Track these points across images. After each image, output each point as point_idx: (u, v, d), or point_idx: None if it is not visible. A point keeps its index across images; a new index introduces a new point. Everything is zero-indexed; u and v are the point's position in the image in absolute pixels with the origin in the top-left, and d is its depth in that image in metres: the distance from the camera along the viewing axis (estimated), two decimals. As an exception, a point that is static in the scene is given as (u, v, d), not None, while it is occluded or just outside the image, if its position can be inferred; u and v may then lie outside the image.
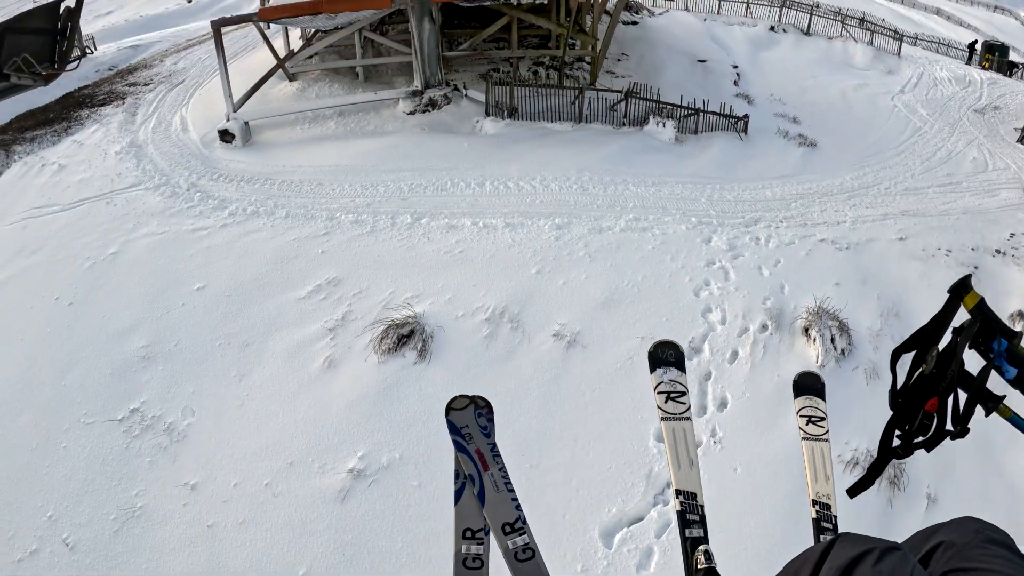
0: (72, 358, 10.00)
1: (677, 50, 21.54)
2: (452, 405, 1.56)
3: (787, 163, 15.91)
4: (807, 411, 1.84)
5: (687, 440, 1.69)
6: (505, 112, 14.90)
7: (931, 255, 12.68)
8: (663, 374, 1.75)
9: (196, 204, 12.82)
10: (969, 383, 1.56)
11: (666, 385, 1.73)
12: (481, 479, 1.55)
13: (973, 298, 1.54)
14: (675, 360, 1.79)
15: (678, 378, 1.75)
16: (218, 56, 14.90)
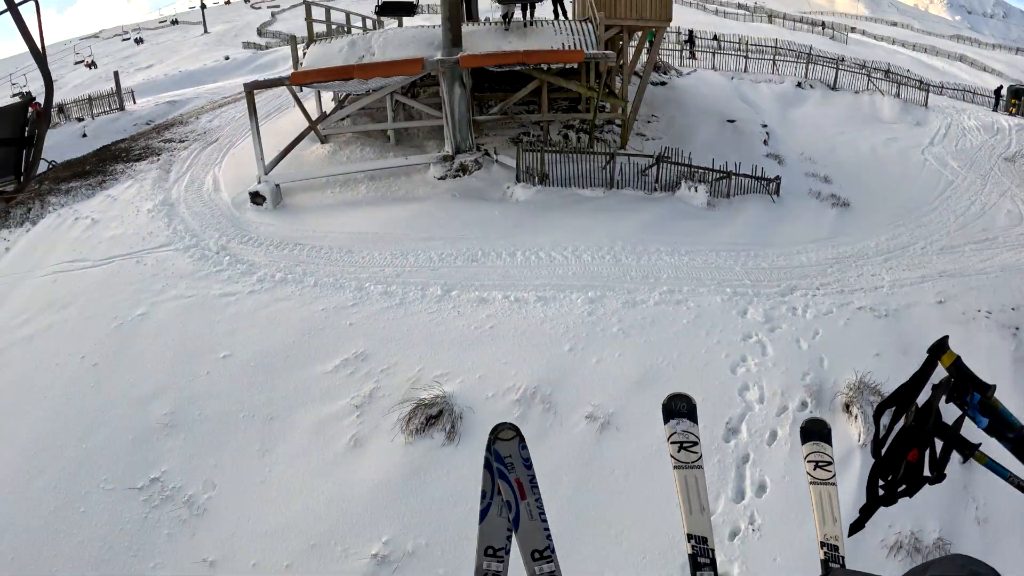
0: (95, 421, 9.80)
1: (706, 111, 21.37)
2: (499, 435, 1.63)
3: (821, 225, 15.52)
4: (814, 456, 1.87)
5: (699, 487, 1.73)
6: (536, 178, 14.71)
7: (971, 318, 12.15)
8: (676, 425, 1.80)
9: (225, 268, 12.68)
10: (946, 432, 1.67)
11: (679, 435, 1.78)
12: (518, 507, 1.63)
13: (950, 357, 1.67)
14: (687, 412, 1.83)
15: (690, 428, 1.79)
16: (251, 119, 14.93)
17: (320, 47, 16.92)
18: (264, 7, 74.23)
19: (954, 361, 1.71)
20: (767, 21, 53.61)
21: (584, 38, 16.46)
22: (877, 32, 61.50)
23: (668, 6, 17.62)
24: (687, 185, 15.20)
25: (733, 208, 15.39)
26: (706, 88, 24.07)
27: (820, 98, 26.86)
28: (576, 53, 15.23)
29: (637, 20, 17.58)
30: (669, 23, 18.15)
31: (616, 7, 17.16)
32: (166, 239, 14.20)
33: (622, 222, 13.33)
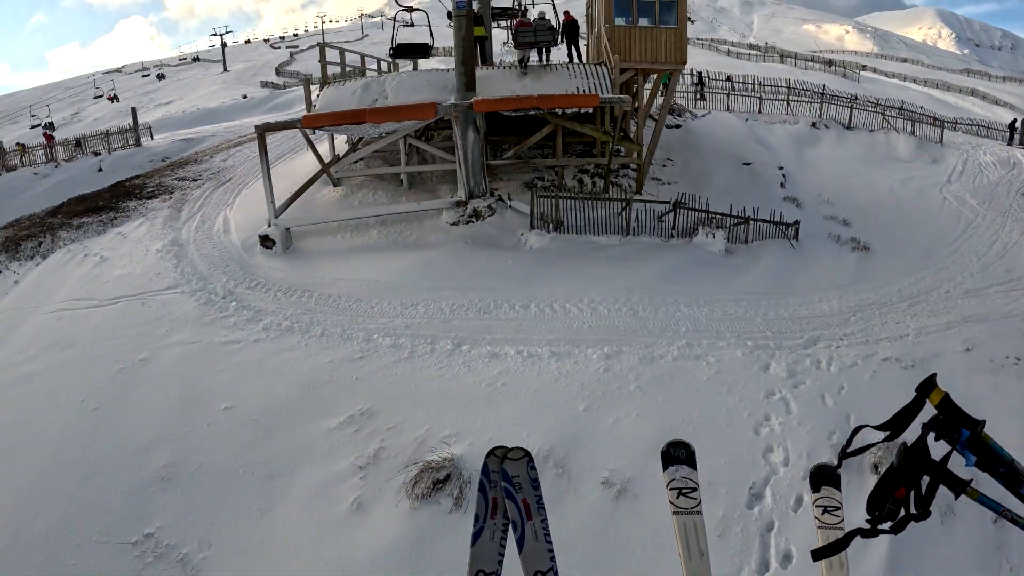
0: (91, 469, 9.43)
1: (722, 153, 21.00)
2: (509, 455, 1.62)
3: (842, 271, 14.99)
4: (823, 502, 1.86)
5: (698, 533, 1.73)
6: (550, 225, 14.30)
7: (1000, 366, 11.51)
8: (675, 471, 1.80)
9: (231, 314, 12.30)
10: (935, 470, 1.65)
11: (678, 482, 1.78)
12: (523, 527, 1.61)
13: (939, 394, 1.64)
14: (686, 458, 1.83)
15: (689, 475, 1.80)
16: (261, 161, 14.66)
17: (333, 89, 16.70)
18: (283, 47, 75.24)
19: (943, 398, 1.67)
20: (779, 61, 53.54)
21: (599, 82, 16.16)
22: (888, 69, 61.37)
23: (683, 49, 17.35)
24: (704, 231, 14.75)
25: (752, 254, 14.90)
26: (721, 130, 23.73)
27: (835, 138, 26.47)
28: (591, 97, 14.91)
29: (652, 63, 17.32)
30: (684, 66, 17.86)
31: (630, 50, 16.91)
32: (173, 281, 13.88)
33: (639, 271, 12.86)
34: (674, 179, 18.46)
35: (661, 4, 17.02)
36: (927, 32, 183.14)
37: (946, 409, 1.66)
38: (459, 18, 15.21)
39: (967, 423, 1.66)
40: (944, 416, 1.66)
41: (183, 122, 38.20)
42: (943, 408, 1.66)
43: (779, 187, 20.05)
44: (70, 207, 20.63)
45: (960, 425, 1.65)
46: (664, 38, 17.16)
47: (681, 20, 17.24)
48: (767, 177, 20.32)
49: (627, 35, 16.97)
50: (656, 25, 17.08)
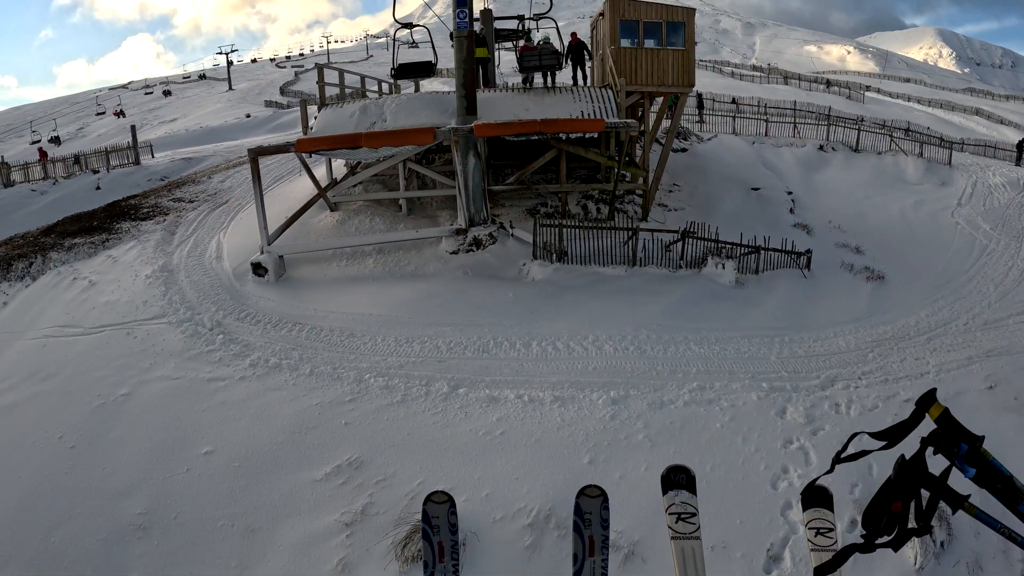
0: (66, 512, 8.85)
1: (730, 178, 20.31)
2: (585, 492, 1.82)
3: (857, 303, 14.25)
4: (816, 523, 1.82)
5: (696, 559, 1.71)
6: (554, 255, 13.58)
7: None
8: (674, 496, 1.77)
9: (217, 348, 11.58)
10: (933, 484, 1.63)
11: (677, 507, 1.75)
12: (582, 563, 1.79)
13: (938, 408, 1.63)
14: (686, 483, 1.80)
15: (689, 500, 1.76)
16: (254, 186, 14.00)
17: (331, 112, 16.07)
18: (289, 66, 75.01)
19: (942, 413, 1.64)
20: (783, 82, 53.00)
21: (604, 105, 15.51)
22: (891, 89, 60.84)
23: (690, 72, 16.73)
24: (714, 262, 14.02)
25: (763, 286, 14.16)
26: (727, 154, 23.06)
27: (843, 161, 25.78)
28: (596, 122, 14.25)
29: (658, 86, 16.70)
30: (692, 89, 17.23)
31: (636, 73, 16.29)
32: (160, 310, 13.19)
33: (646, 306, 12.11)
34: (681, 205, 17.77)
35: (668, 26, 16.43)
36: (928, 52, 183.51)
37: (945, 423, 1.64)
38: (460, 39, 14.59)
39: (966, 438, 1.63)
40: (943, 430, 1.64)
41: (185, 140, 37.65)
42: (942, 422, 1.64)
43: (788, 213, 19.34)
44: (64, 226, 20.03)
45: (959, 439, 1.62)
46: (671, 60, 16.54)
47: (689, 42, 16.63)
48: (776, 202, 19.62)
49: (633, 57, 16.35)
50: (663, 47, 16.48)
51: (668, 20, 16.41)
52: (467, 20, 14.42)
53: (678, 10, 16.61)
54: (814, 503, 1.88)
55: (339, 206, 16.54)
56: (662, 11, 16.47)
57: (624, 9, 16.37)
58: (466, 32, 14.54)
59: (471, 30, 14.73)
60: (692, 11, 16.73)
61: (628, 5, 16.41)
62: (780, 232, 17.69)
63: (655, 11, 16.44)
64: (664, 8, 16.60)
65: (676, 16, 16.51)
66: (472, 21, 14.77)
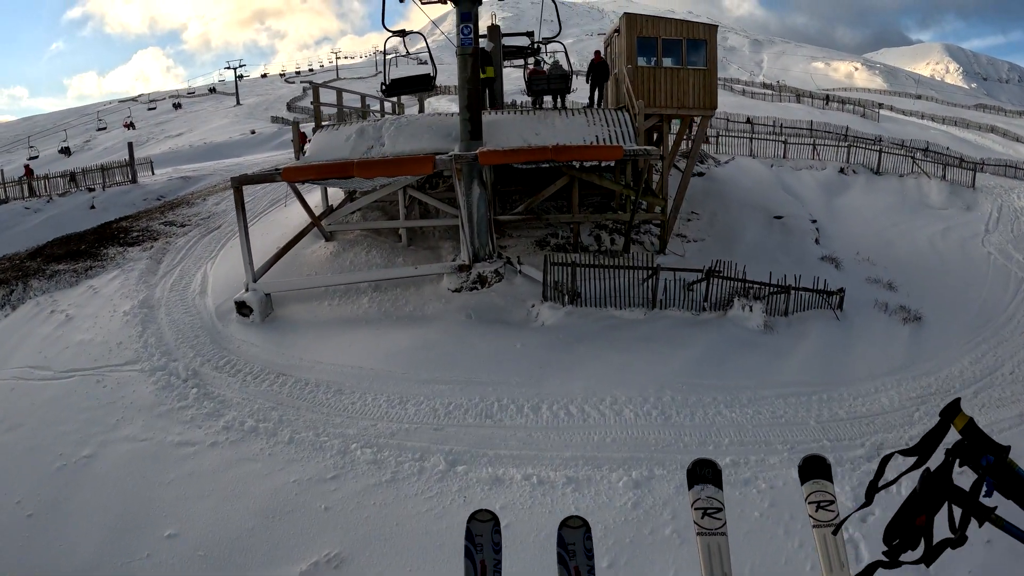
0: None
1: (750, 205, 18.87)
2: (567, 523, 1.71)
3: (895, 349, 12.81)
4: (816, 496, 1.73)
5: (722, 555, 1.66)
6: (566, 296, 12.14)
7: None
8: (700, 491, 1.73)
9: (190, 404, 10.21)
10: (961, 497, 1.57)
11: (703, 501, 1.70)
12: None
13: (963, 419, 1.59)
14: (712, 478, 1.75)
15: (715, 495, 1.72)
16: (238, 218, 12.65)
17: (326, 134, 14.72)
18: (298, 81, 73.92)
19: (967, 423, 1.57)
20: (795, 100, 51.50)
21: (621, 129, 14.13)
22: (903, 107, 59.27)
23: (712, 93, 15.36)
24: (740, 303, 12.58)
25: (794, 330, 12.71)
26: (746, 178, 21.63)
27: (865, 184, 24.33)
28: (614, 149, 12.84)
29: (678, 108, 15.33)
30: (714, 112, 15.83)
31: (655, 94, 14.93)
32: (134, 354, 11.86)
33: (669, 358, 10.64)
34: (701, 235, 16.35)
35: (688, 44, 15.07)
36: (935, 67, 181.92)
37: (970, 435, 1.58)
38: (464, 57, 13.21)
39: (992, 449, 1.56)
40: (969, 442, 1.57)
41: (188, 156, 36.43)
42: (967, 433, 1.58)
43: (814, 243, 17.91)
44: (52, 249, 18.83)
45: (985, 451, 1.55)
46: (692, 81, 15.17)
47: (711, 61, 15.26)
48: (800, 232, 18.18)
49: (651, 77, 15.00)
50: (683, 66, 15.11)
51: (689, 37, 15.05)
52: (471, 36, 13.04)
53: (699, 27, 15.25)
54: (812, 474, 1.72)
55: (335, 235, 15.17)
56: (682, 28, 15.12)
57: (642, 26, 15.02)
58: (470, 49, 13.17)
59: (476, 47, 13.37)
60: (714, 28, 15.37)
61: (646, 21, 15.07)
62: (807, 266, 16.28)
63: (675, 28, 15.09)
64: (684, 25, 15.25)
65: (697, 33, 15.15)
66: (477, 38, 13.40)
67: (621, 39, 15.36)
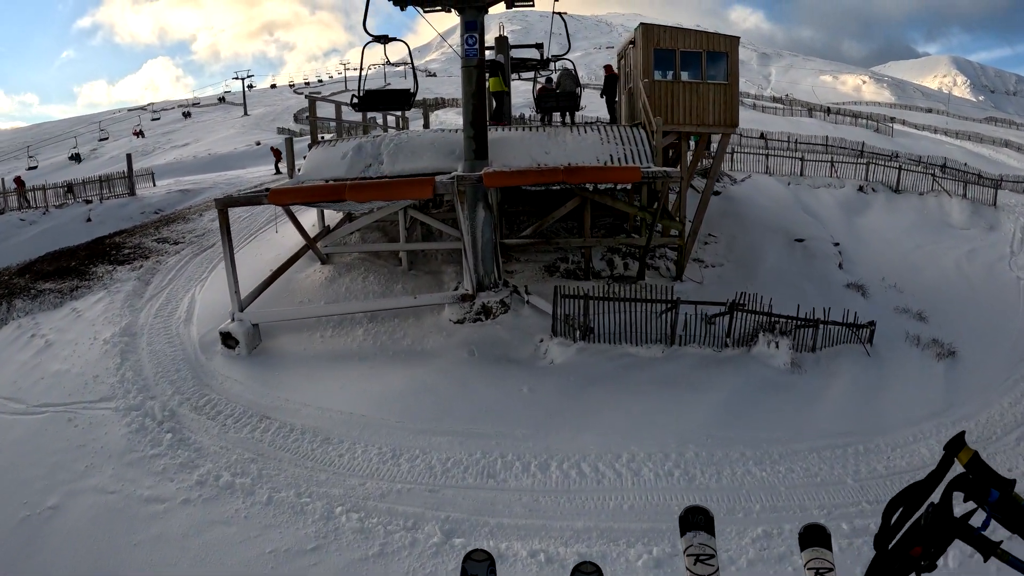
0: None
1: (769, 227, 17.76)
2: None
3: (931, 390, 11.72)
4: (815, 563, 1.60)
5: None
6: (577, 332, 11.05)
7: None
8: (692, 537, 1.64)
9: (163, 451, 9.17)
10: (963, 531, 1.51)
11: (695, 548, 1.61)
12: None
13: (967, 453, 1.55)
14: (704, 524, 1.67)
15: (707, 541, 1.63)
16: (223, 243, 11.64)
17: (322, 151, 13.72)
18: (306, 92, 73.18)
19: (971, 457, 1.52)
20: (807, 115, 50.27)
21: (636, 147, 13.08)
22: (915, 121, 58.00)
23: (734, 110, 14.29)
24: (766, 339, 11.47)
25: (822, 369, 11.60)
26: (763, 197, 20.52)
27: (885, 203, 23.19)
28: (631, 171, 11.76)
29: (698, 126, 14.26)
30: (735, 129, 14.77)
31: (673, 110, 13.88)
32: (109, 390, 10.86)
33: (691, 406, 9.51)
34: (719, 260, 15.25)
35: (708, 56, 14.01)
36: (943, 80, 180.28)
37: (975, 468, 1.53)
38: (468, 69, 12.17)
39: (997, 483, 1.50)
40: (973, 475, 1.52)
41: (191, 168, 35.55)
42: (972, 467, 1.53)
43: (837, 268, 16.79)
44: (42, 265, 17.95)
45: (990, 485, 1.49)
46: (712, 96, 14.10)
47: (732, 75, 14.19)
48: (822, 256, 17.06)
49: (669, 92, 13.94)
50: (703, 81, 14.04)
51: (709, 50, 13.98)
52: (476, 47, 11.99)
53: (719, 38, 14.18)
54: (812, 542, 1.60)
55: (331, 258, 14.14)
56: (702, 39, 14.06)
57: (659, 37, 13.97)
58: (475, 61, 12.10)
59: (482, 58, 12.33)
60: (736, 40, 14.28)
61: (664, 32, 14.03)
62: (832, 294, 15.18)
63: (694, 39, 14.03)
64: (704, 36, 14.18)
65: (717, 45, 14.08)
66: (483, 48, 12.35)
67: (637, 51, 14.32)
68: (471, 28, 11.71)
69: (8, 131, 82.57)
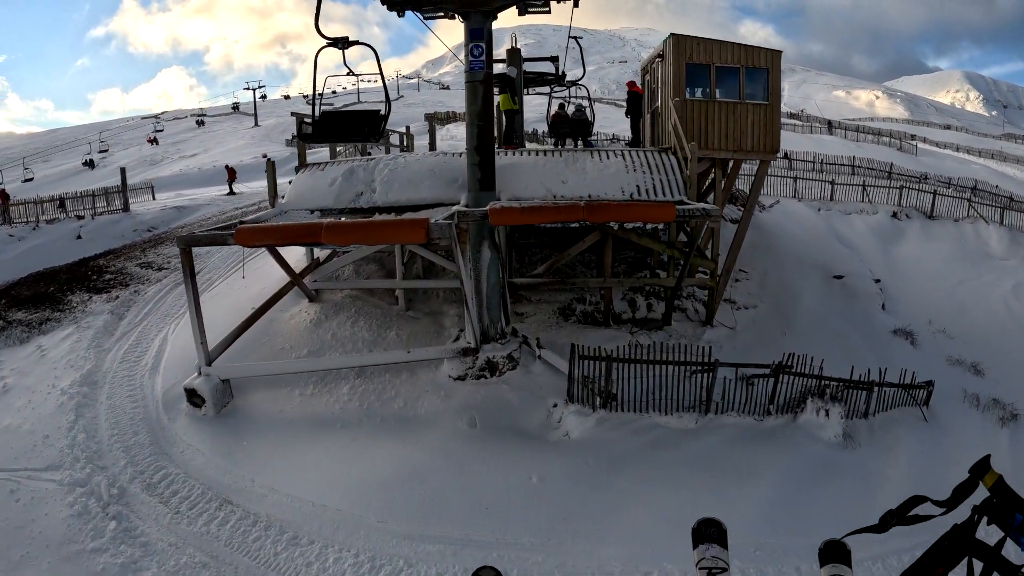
0: None
1: (804, 260, 15.96)
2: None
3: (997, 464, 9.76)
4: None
5: None
6: (598, 398, 9.27)
7: None
8: (705, 550, 1.67)
9: (104, 546, 7.53)
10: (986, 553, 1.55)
11: (708, 561, 1.64)
12: None
13: (992, 476, 1.56)
14: (717, 537, 1.70)
15: (720, 554, 1.65)
16: (187, 287, 9.92)
17: (308, 176, 12.08)
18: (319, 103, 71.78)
19: (996, 481, 1.54)
20: (827, 132, 48.24)
21: (667, 177, 11.37)
22: (935, 138, 55.83)
23: (774, 133, 12.57)
24: (814, 406, 9.68)
25: (877, 441, 9.81)
26: (794, 225, 18.71)
27: (920, 231, 21.34)
28: (664, 209, 9.91)
29: (734, 152, 12.54)
30: (776, 155, 13.03)
31: (707, 133, 12.18)
32: (58, 456, 9.22)
33: (733, 500, 7.69)
34: (752, 300, 13.47)
35: (747, 72, 12.29)
36: (955, 95, 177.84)
37: (1000, 492, 1.54)
38: (474, 84, 10.39)
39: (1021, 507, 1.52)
40: (997, 499, 1.54)
41: (195, 180, 34.10)
42: (996, 491, 1.54)
43: (880, 309, 14.98)
44: (20, 289, 16.45)
45: (1014, 509, 1.52)
46: (751, 118, 12.39)
47: (773, 94, 12.47)
48: (864, 295, 15.24)
49: (702, 113, 12.24)
50: (740, 100, 12.32)
51: (747, 65, 12.26)
52: (483, 58, 10.19)
53: (760, 52, 12.43)
54: (831, 558, 1.63)
55: (320, 295, 12.45)
56: (740, 53, 12.33)
57: (692, 50, 12.24)
58: (482, 74, 10.31)
59: (489, 72, 10.51)
60: (778, 54, 12.54)
61: (697, 45, 12.29)
62: (878, 342, 13.43)
63: (731, 52, 12.30)
64: (742, 49, 12.43)
65: (757, 60, 12.35)
66: (491, 61, 10.59)
67: (666, 66, 12.61)
68: (477, 36, 9.99)
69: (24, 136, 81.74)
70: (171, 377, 10.66)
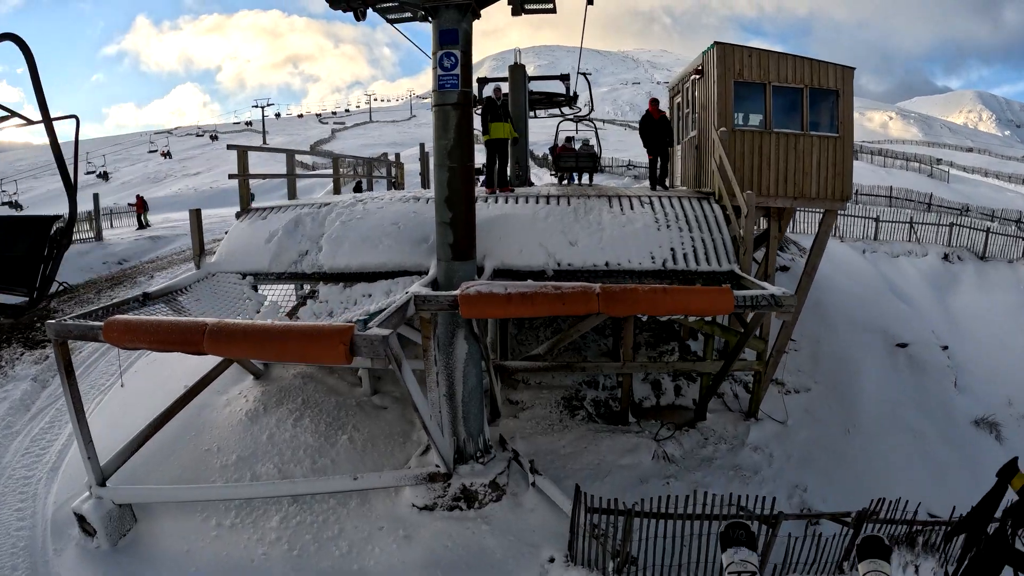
0: None
1: (859, 322, 13.05)
2: None
3: None
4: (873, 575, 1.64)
5: None
6: (612, 563, 6.44)
7: None
8: (734, 554, 1.63)
9: None
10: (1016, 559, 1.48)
11: (737, 565, 1.61)
12: None
13: (1021, 479, 1.55)
14: (746, 539, 1.66)
15: (748, 558, 1.62)
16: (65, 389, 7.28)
17: (248, 226, 9.42)
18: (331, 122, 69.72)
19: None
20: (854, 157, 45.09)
21: (711, 236, 8.56)
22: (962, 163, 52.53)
23: (846, 175, 9.77)
24: (902, 559, 6.88)
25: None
26: (842, 275, 15.77)
27: (975, 276, 18.43)
28: (715, 298, 6.48)
29: (795, 199, 9.76)
30: (846, 204, 10.24)
31: (762, 175, 9.43)
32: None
33: None
34: (804, 382, 10.63)
35: (812, 95, 9.52)
36: (967, 115, 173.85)
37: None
38: (443, 110, 7.30)
39: None
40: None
41: (191, 201, 31.60)
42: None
43: (952, 387, 12.09)
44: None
45: None
46: (817, 154, 9.61)
47: (846, 124, 9.65)
48: (933, 369, 12.34)
49: (756, 147, 9.46)
50: (804, 132, 9.53)
51: (813, 85, 9.47)
52: (456, 72, 7.12)
53: (828, 69, 9.59)
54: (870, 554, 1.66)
55: (269, 369, 9.76)
56: (804, 68, 9.51)
57: (742, 63, 9.45)
58: (455, 96, 7.19)
59: (467, 90, 7.26)
60: (850, 72, 9.70)
61: (748, 57, 9.49)
62: (955, 433, 10.60)
63: (792, 68, 9.49)
64: (807, 64, 9.59)
65: (825, 79, 9.54)
66: (469, 78, 7.31)
67: (707, 84, 9.83)
68: (448, 40, 6.99)
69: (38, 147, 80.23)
70: (68, 486, 8.00)
